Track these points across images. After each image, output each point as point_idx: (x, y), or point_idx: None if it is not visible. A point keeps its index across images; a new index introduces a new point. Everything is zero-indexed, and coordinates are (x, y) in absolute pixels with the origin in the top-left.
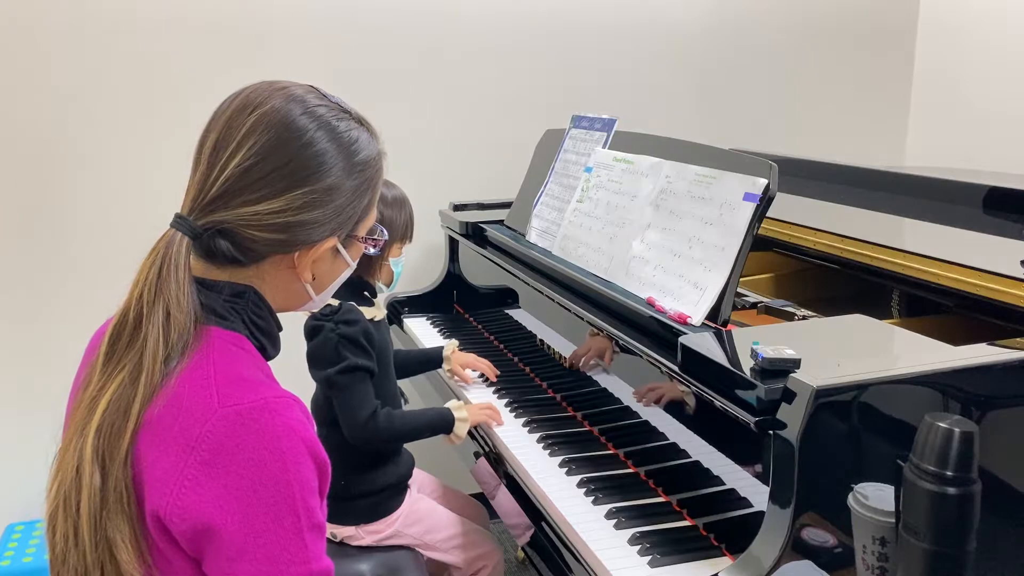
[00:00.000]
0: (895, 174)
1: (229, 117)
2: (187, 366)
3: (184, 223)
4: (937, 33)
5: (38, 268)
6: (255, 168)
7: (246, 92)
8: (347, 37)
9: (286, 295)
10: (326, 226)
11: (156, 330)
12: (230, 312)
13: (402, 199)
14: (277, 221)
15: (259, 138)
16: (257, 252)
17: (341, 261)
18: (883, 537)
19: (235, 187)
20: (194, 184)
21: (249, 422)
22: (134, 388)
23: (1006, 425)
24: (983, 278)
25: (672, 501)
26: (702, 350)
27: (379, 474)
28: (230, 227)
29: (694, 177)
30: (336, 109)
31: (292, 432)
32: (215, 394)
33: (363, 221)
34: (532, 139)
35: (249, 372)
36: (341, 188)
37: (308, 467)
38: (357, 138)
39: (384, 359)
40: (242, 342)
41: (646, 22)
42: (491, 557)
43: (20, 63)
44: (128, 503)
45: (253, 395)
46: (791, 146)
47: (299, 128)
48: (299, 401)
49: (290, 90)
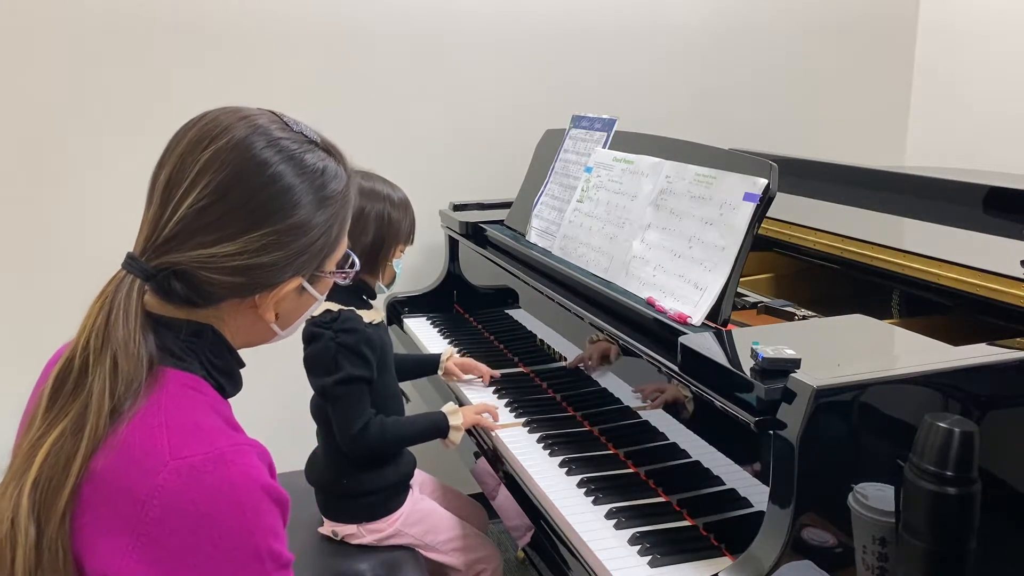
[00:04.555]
0: (895, 174)
1: (183, 152)
2: (137, 413)
3: (136, 264)
4: (937, 33)
5: (34, 272)
6: (210, 209)
7: (202, 123)
8: (347, 37)
9: (248, 333)
10: (288, 267)
11: (102, 380)
12: (187, 352)
13: (406, 201)
14: (235, 264)
15: (214, 176)
16: (214, 295)
17: (308, 297)
18: (883, 537)
19: (189, 228)
20: (147, 222)
21: (203, 475)
22: (76, 441)
23: (1006, 425)
24: (983, 278)
25: (672, 501)
26: (702, 350)
27: (381, 473)
28: (185, 269)
29: (694, 177)
30: (301, 139)
31: (249, 480)
32: (166, 445)
33: (332, 255)
34: (532, 139)
35: (204, 418)
36: (308, 224)
37: (269, 512)
38: (324, 169)
39: (384, 361)
40: (198, 384)
41: (646, 22)
42: (491, 561)
43: (20, 63)
44: (64, 563)
45: (207, 446)
46: (791, 146)
47: (260, 163)
48: (255, 445)
49: (251, 120)
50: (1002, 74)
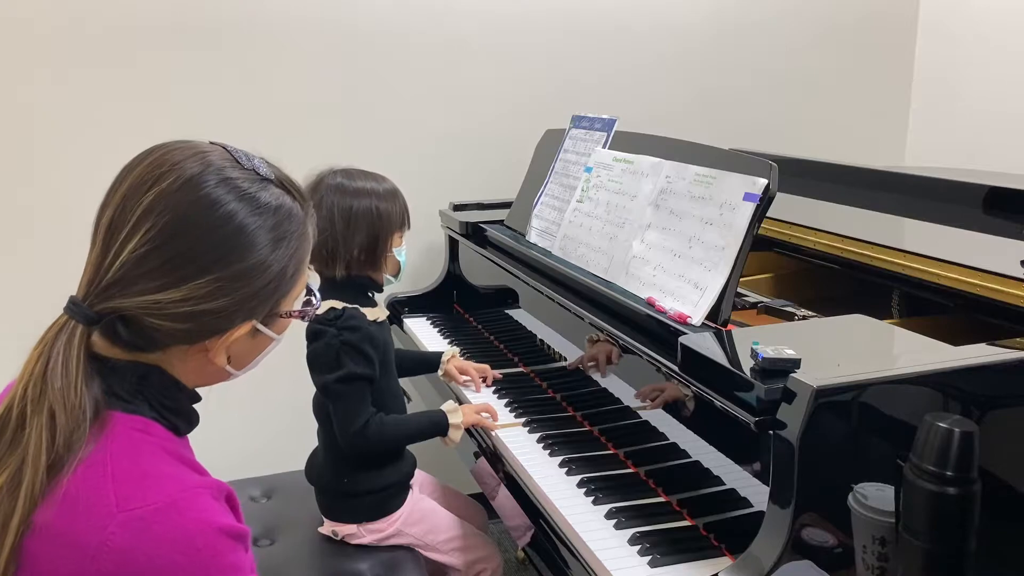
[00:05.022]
0: (895, 174)
1: (126, 193)
2: (82, 462)
3: (78, 309)
4: (937, 33)
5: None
6: (152, 255)
7: (147, 160)
8: (346, 38)
9: (200, 375)
10: (239, 313)
11: (39, 434)
12: (134, 395)
13: (394, 191)
14: (180, 311)
15: (157, 220)
16: (159, 340)
17: (263, 338)
18: (883, 537)
19: (131, 274)
20: (90, 265)
21: (153, 526)
22: (12, 500)
23: (1006, 425)
24: (983, 278)
25: (672, 501)
26: (702, 350)
27: (382, 473)
28: (129, 314)
29: (694, 177)
30: (254, 176)
31: (205, 525)
32: (112, 495)
33: (288, 295)
34: (532, 139)
35: (152, 464)
36: (261, 266)
37: (229, 551)
38: (279, 207)
39: (387, 359)
40: (147, 425)
41: (646, 22)
42: (491, 561)
43: (19, 63)
44: None
45: (156, 495)
46: (791, 146)
47: (211, 203)
48: (209, 484)
49: (201, 156)
50: (1002, 74)
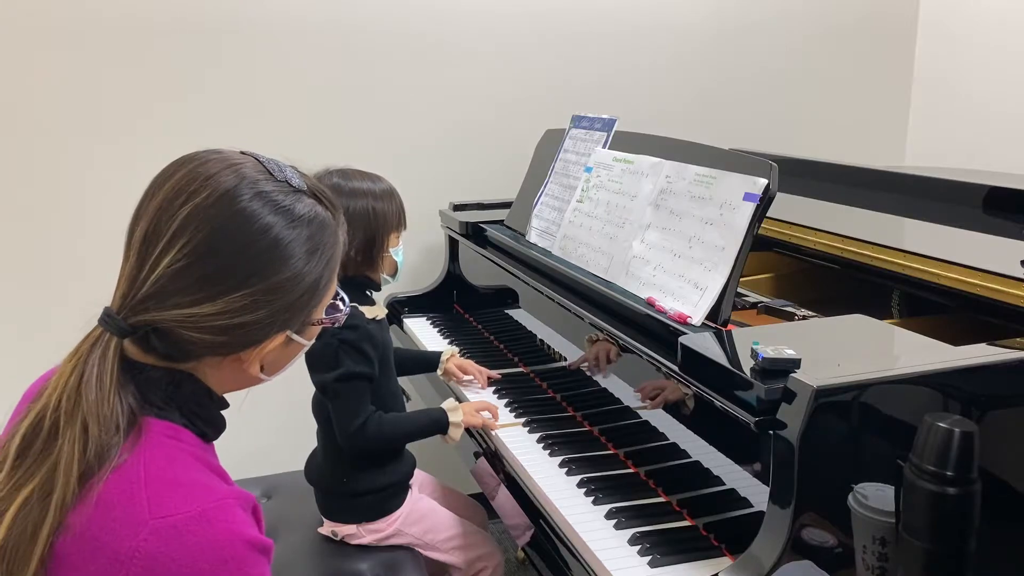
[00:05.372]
0: (895, 174)
1: (160, 206)
2: (116, 468)
3: (113, 322)
4: (937, 33)
5: (37, 269)
6: (187, 270)
7: (180, 173)
8: (346, 36)
9: (232, 382)
10: (273, 325)
11: (71, 445)
12: (166, 402)
13: (390, 191)
14: (215, 324)
15: (193, 235)
16: (193, 352)
17: (296, 345)
18: (883, 537)
19: (167, 288)
20: (124, 278)
21: (185, 535)
22: (44, 507)
23: (1006, 425)
24: (983, 278)
25: (672, 501)
26: (702, 350)
27: (381, 473)
28: (164, 327)
29: (694, 177)
30: (287, 188)
31: (235, 536)
32: (145, 503)
33: (320, 303)
34: (532, 139)
35: (184, 471)
36: (296, 278)
37: (255, 564)
38: (314, 218)
39: (386, 358)
40: (178, 432)
41: (646, 22)
42: (491, 559)
43: (19, 63)
44: None
45: (188, 504)
46: (791, 146)
47: (247, 217)
48: (239, 495)
49: (236, 169)
50: (1002, 74)
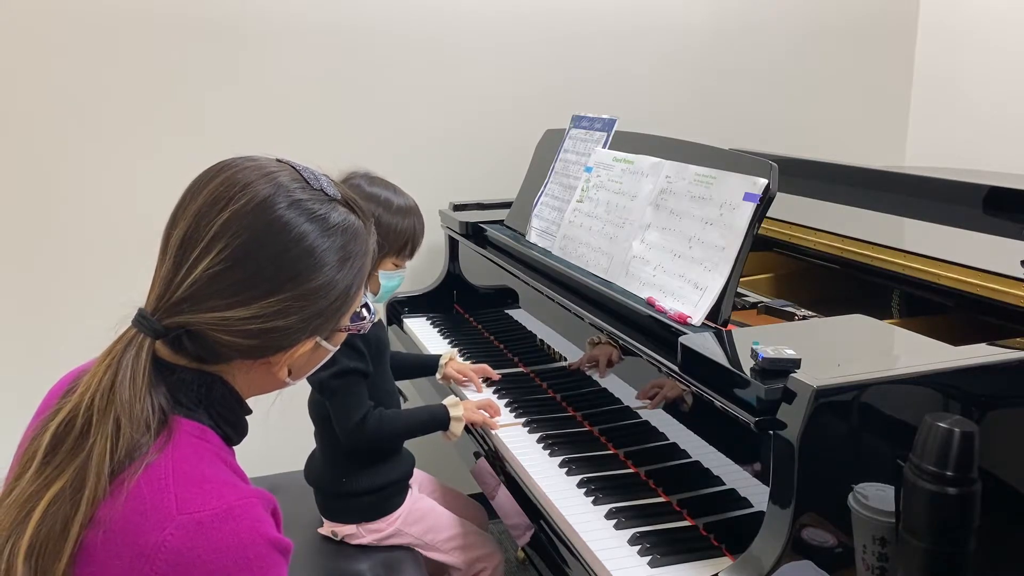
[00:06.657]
0: (895, 174)
1: (199, 211)
2: (147, 465)
3: (147, 323)
4: (937, 33)
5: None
6: (225, 274)
7: (219, 179)
8: (346, 36)
9: (261, 385)
10: (304, 330)
11: (103, 443)
12: (196, 403)
13: (407, 208)
14: (248, 328)
15: (231, 241)
16: (224, 355)
17: (322, 351)
18: (883, 537)
19: (203, 292)
20: (159, 280)
21: (210, 531)
22: (75, 504)
23: (1006, 425)
24: (983, 278)
25: (672, 501)
26: (702, 350)
27: (381, 472)
28: (197, 330)
29: (694, 177)
30: (322, 197)
31: (258, 535)
32: (173, 499)
33: (350, 310)
34: (532, 139)
35: (212, 470)
36: (328, 285)
37: (275, 564)
38: (347, 227)
39: (380, 355)
40: (204, 433)
41: (646, 22)
42: (492, 559)
43: (21, 63)
44: None
45: (215, 501)
46: (791, 146)
47: (283, 225)
48: (262, 495)
49: (272, 177)
50: (1002, 74)
